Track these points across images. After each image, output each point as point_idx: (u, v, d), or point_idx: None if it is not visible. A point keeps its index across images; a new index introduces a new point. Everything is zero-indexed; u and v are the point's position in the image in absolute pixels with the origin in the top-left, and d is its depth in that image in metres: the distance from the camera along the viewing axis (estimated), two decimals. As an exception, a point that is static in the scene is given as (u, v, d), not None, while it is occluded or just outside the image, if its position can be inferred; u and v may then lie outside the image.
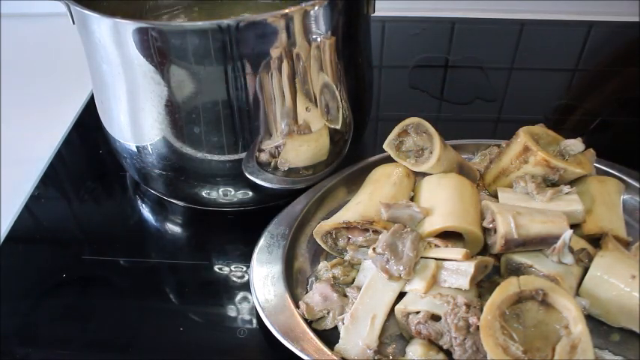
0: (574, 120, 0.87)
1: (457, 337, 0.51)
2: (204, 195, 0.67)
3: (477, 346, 0.50)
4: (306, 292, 0.58)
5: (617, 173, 0.70)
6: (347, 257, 0.59)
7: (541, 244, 0.57)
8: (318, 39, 0.60)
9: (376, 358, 0.53)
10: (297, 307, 0.56)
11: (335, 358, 0.52)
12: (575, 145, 0.67)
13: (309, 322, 0.55)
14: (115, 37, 0.58)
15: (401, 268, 0.55)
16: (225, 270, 0.62)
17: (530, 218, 0.57)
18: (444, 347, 0.53)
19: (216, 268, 0.63)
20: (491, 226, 0.57)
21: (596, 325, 0.57)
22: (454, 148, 0.70)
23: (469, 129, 0.79)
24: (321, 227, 0.59)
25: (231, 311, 0.59)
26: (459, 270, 0.55)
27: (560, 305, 0.51)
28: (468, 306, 0.52)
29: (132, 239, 0.67)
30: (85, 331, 0.57)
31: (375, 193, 0.62)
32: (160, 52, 0.57)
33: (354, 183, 0.67)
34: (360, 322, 0.54)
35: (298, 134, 0.64)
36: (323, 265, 0.58)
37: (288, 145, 0.64)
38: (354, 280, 0.59)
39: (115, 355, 0.55)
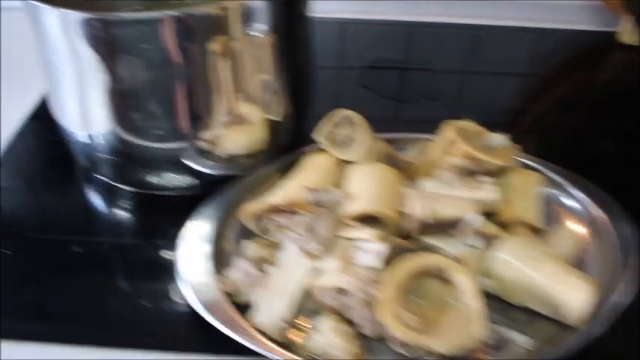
0: (515, 121, 0.91)
1: (363, 311, 0.55)
2: (149, 180, 0.71)
3: (381, 320, 0.54)
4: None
5: (539, 167, 0.73)
6: (272, 238, 0.63)
7: (452, 227, 0.60)
8: (255, 34, 0.65)
9: (287, 326, 0.56)
10: (220, 283, 0.59)
11: (250, 328, 0.55)
12: (499, 139, 0.71)
13: (230, 297, 0.59)
14: (62, 27, 0.62)
15: (317, 246, 0.58)
16: (160, 250, 0.66)
17: (444, 203, 0.61)
18: (354, 320, 0.56)
19: (152, 248, 0.67)
20: (407, 210, 0.61)
21: (505, 306, 0.60)
22: (391, 142, 0.74)
23: (412, 127, 0.84)
24: (247, 209, 0.63)
25: (163, 288, 0.62)
26: (372, 250, 0.58)
27: (458, 281, 0.55)
28: (373, 282, 0.56)
29: (77, 220, 0.71)
30: (22, 302, 0.61)
31: (303, 179, 0.66)
32: (104, 42, 0.61)
33: (289, 170, 0.71)
34: (276, 297, 0.58)
35: (236, 124, 0.68)
36: (248, 245, 0.62)
37: (227, 134, 0.68)
38: (280, 261, 0.62)
39: (50, 325, 0.59)
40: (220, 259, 0.63)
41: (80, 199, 0.76)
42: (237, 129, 0.68)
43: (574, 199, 0.71)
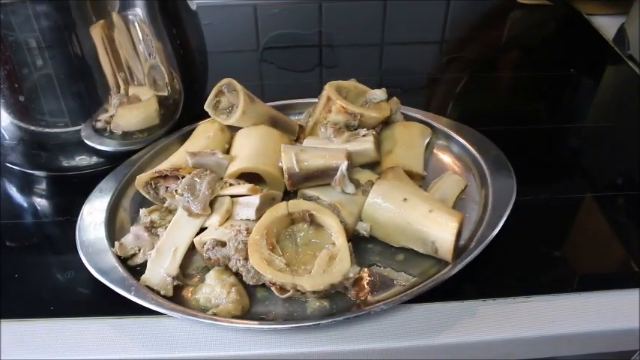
0: (415, 82, 0.96)
1: (239, 260, 0.59)
2: (57, 163, 0.74)
3: (258, 266, 0.58)
4: (126, 237, 0.65)
5: (425, 119, 0.78)
6: (166, 204, 0.67)
7: (324, 176, 0.64)
8: (136, 18, 0.68)
9: (175, 283, 0.60)
10: (116, 249, 0.63)
11: (140, 285, 0.59)
12: (378, 94, 0.75)
13: (123, 260, 0.63)
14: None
15: (198, 205, 0.62)
16: (65, 224, 0.69)
17: (312, 154, 0.65)
18: (234, 270, 0.60)
19: (62, 225, 0.70)
20: (282, 165, 0.65)
21: (384, 247, 0.64)
22: (283, 107, 0.78)
23: (309, 93, 0.87)
24: (139, 179, 0.66)
25: (69, 260, 0.66)
26: (247, 203, 0.62)
27: (326, 224, 0.59)
28: (248, 231, 0.60)
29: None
30: None
31: (189, 146, 0.70)
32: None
33: (184, 142, 0.75)
34: (163, 255, 0.61)
35: (129, 104, 0.72)
36: (142, 211, 0.66)
37: (120, 113, 0.71)
38: (170, 223, 0.66)
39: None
40: (117, 227, 0.67)
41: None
42: (131, 108, 0.72)
43: (458, 146, 0.75)
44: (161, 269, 0.59)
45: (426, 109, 0.77)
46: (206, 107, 0.72)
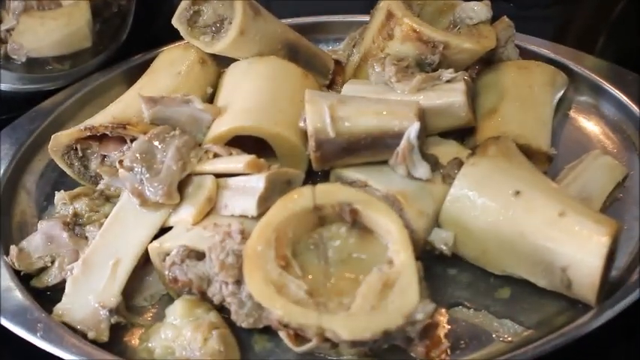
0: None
1: (226, 284, 0.59)
2: None
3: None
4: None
5: (557, 58, 0.78)
6: (100, 185, 0.67)
7: (377, 148, 0.64)
8: None
9: (113, 320, 0.60)
10: (11, 259, 0.63)
11: (53, 322, 0.60)
12: (476, 10, 0.75)
13: (25, 278, 0.63)
14: None
15: (158, 187, 0.63)
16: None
17: (358, 109, 0.64)
18: (215, 302, 0.60)
19: None
20: (303, 124, 0.65)
21: (477, 275, 0.64)
22: (309, 28, 0.79)
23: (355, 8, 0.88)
24: (57, 140, 0.67)
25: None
26: (244, 188, 0.62)
27: (379, 228, 0.59)
28: (244, 235, 0.60)
29: None
30: None
31: (147, 88, 0.70)
32: None
33: (135, 80, 0.76)
34: (94, 271, 0.61)
35: (39, 9, 0.73)
36: (58, 196, 0.66)
37: (24, 25, 0.72)
38: (107, 218, 0.67)
39: None
40: (15, 222, 0.68)
41: None
42: (43, 17, 0.73)
43: (615, 106, 0.75)
44: (90, 296, 0.60)
45: (559, 40, 0.77)
46: (174, 21, 0.72)
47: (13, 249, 0.63)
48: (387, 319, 0.53)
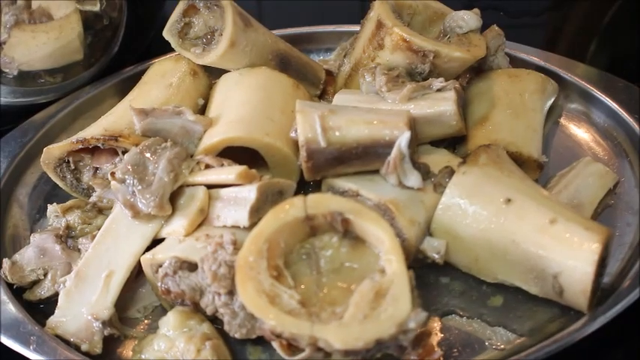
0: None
1: (219, 294, 0.59)
2: None
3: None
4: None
5: (547, 66, 0.78)
6: (93, 197, 0.68)
7: (368, 157, 0.64)
8: None
9: (107, 332, 0.60)
10: (4, 273, 0.64)
11: (46, 335, 0.60)
12: (466, 19, 0.75)
13: (17, 291, 0.63)
14: None
15: (150, 199, 0.63)
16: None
17: (349, 119, 0.65)
18: (208, 313, 0.60)
19: None
20: (294, 135, 0.65)
21: (470, 283, 0.65)
22: (300, 39, 0.79)
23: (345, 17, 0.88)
24: (49, 152, 0.67)
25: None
26: (236, 199, 0.63)
27: (371, 237, 0.59)
28: (236, 246, 0.60)
29: None
30: None
31: (138, 100, 0.71)
32: None
33: (127, 93, 0.76)
34: (87, 284, 0.62)
35: (31, 23, 0.73)
36: (51, 209, 0.66)
37: (16, 39, 0.72)
38: (99, 230, 0.67)
39: None
40: (8, 235, 0.69)
41: None
42: (35, 30, 0.73)
43: (605, 113, 0.75)
44: (83, 308, 0.60)
45: (549, 48, 0.77)
46: (165, 33, 0.72)
47: (5, 262, 0.63)
48: (380, 328, 0.53)
